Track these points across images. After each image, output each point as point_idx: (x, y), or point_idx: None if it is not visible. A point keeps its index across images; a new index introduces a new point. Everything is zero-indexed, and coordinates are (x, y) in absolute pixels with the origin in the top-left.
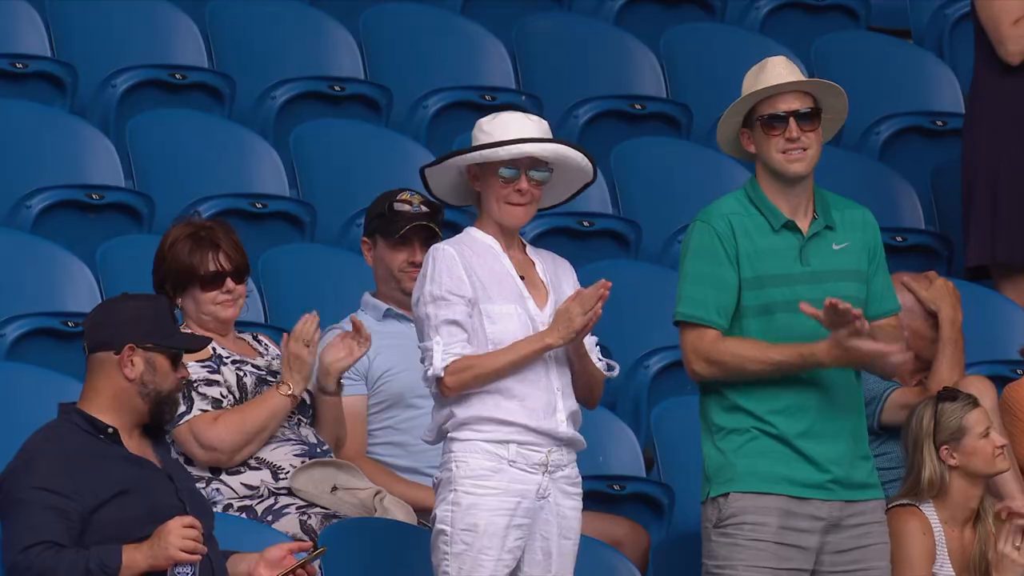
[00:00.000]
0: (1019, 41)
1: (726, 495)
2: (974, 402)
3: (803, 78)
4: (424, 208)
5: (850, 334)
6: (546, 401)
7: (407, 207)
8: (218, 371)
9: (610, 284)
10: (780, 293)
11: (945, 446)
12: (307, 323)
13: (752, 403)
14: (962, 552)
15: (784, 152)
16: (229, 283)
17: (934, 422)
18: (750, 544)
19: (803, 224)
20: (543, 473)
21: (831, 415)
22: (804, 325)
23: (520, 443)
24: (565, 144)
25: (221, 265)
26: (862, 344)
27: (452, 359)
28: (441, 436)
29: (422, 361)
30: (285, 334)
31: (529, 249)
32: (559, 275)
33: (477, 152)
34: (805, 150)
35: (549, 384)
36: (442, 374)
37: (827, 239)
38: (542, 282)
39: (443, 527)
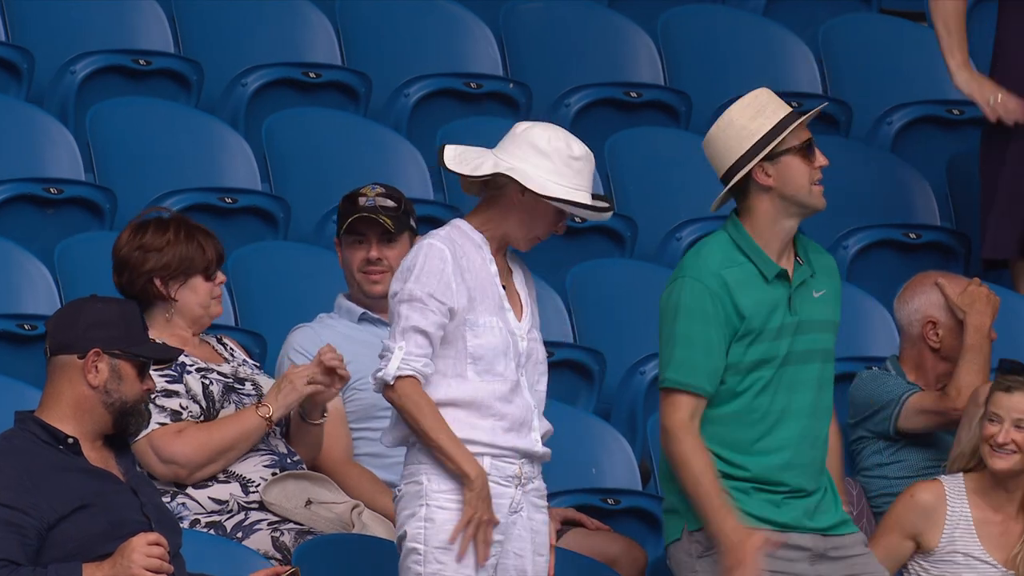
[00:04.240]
0: None
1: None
2: (1017, 387)
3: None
4: (382, 201)
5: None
6: (522, 421)
7: (362, 200)
8: (180, 380)
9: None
10: (772, 348)
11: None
12: (322, 366)
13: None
14: (1005, 539)
15: (815, 184)
16: (220, 275)
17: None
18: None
19: (787, 266)
20: (516, 486)
21: (805, 450)
22: (791, 381)
23: (494, 455)
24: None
25: (215, 254)
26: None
27: (408, 372)
28: (403, 444)
29: (380, 359)
30: (294, 365)
31: (509, 255)
32: (528, 286)
33: (565, 202)
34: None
35: (526, 403)
36: (391, 381)
37: (809, 286)
38: (518, 293)
39: (415, 545)
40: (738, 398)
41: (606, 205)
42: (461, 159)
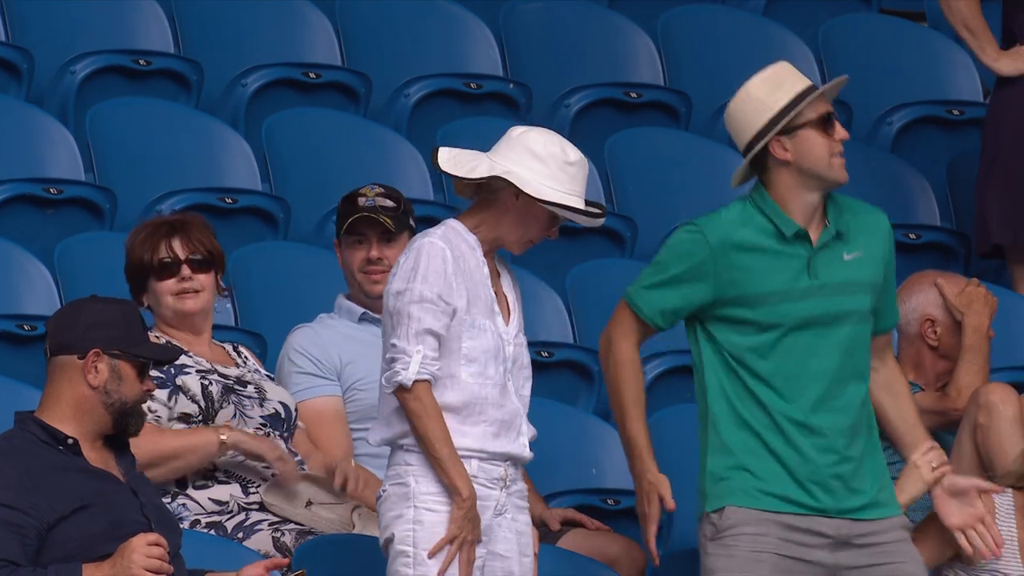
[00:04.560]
0: None
1: (722, 509)
2: None
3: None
4: (382, 201)
5: (651, 520)
6: (510, 425)
7: (361, 200)
8: (169, 384)
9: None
10: (778, 310)
11: None
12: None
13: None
14: None
15: (834, 156)
16: (184, 271)
17: None
18: (750, 556)
19: (814, 233)
20: (501, 488)
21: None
22: (811, 344)
23: (481, 458)
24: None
25: (173, 252)
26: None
27: (426, 376)
28: (391, 444)
29: (391, 361)
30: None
31: (497, 259)
32: (515, 290)
33: (559, 207)
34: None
35: (514, 407)
36: (409, 384)
37: (836, 249)
38: (505, 297)
39: (405, 548)
40: (750, 354)
41: (599, 211)
42: (455, 161)
